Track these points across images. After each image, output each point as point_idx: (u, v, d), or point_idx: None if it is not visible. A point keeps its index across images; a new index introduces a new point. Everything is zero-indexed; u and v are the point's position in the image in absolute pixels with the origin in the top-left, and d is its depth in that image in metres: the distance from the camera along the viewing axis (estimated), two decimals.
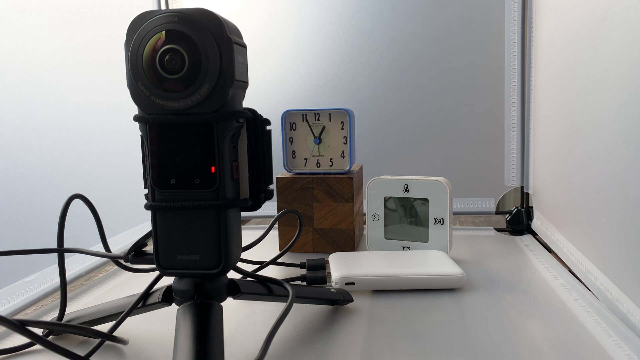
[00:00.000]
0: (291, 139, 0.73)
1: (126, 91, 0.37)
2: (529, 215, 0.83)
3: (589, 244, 0.55)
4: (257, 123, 0.40)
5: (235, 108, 0.37)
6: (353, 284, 0.55)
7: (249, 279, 0.46)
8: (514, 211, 0.84)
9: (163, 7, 0.91)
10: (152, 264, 0.40)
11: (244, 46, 0.38)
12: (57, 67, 0.65)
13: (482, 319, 0.48)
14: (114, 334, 0.41)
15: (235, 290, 0.42)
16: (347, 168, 0.72)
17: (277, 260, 0.61)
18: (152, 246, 0.39)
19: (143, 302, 0.43)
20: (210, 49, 0.35)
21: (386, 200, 0.68)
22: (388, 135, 0.89)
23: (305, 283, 0.57)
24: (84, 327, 0.41)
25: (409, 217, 0.67)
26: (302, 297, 0.47)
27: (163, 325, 0.48)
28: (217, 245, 0.37)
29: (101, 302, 0.49)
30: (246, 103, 0.89)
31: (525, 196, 0.85)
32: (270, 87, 0.91)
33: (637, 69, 0.43)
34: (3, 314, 0.52)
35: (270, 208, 0.93)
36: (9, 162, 0.56)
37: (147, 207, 0.38)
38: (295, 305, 0.52)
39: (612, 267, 0.49)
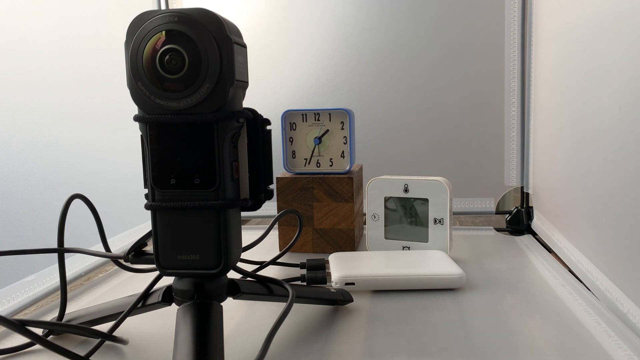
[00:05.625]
0: (291, 139, 0.73)
1: (126, 91, 0.37)
2: (529, 215, 0.83)
3: (589, 244, 0.55)
4: (257, 123, 0.40)
5: (235, 108, 0.37)
6: (353, 284, 0.55)
7: (249, 279, 0.46)
8: (514, 211, 0.84)
9: (163, 7, 0.91)
10: (152, 264, 0.40)
11: (244, 46, 0.38)
12: (57, 66, 0.65)
13: (482, 319, 0.48)
14: (114, 334, 0.41)
15: (235, 290, 0.42)
16: (347, 168, 0.72)
17: (277, 260, 0.61)
18: (152, 246, 0.39)
19: (143, 302, 0.43)
20: (210, 49, 0.35)
21: (386, 200, 0.68)
22: (388, 135, 0.89)
23: (305, 283, 0.57)
24: (84, 327, 0.41)
25: (409, 217, 0.67)
26: (302, 297, 0.47)
27: (163, 325, 0.48)
28: (217, 245, 0.37)
29: (101, 302, 0.49)
30: (246, 103, 0.89)
31: (525, 196, 0.85)
32: (270, 87, 0.91)
33: (638, 69, 0.43)
34: (3, 314, 0.52)
35: (270, 208, 0.93)
36: (9, 161, 0.56)
37: (147, 207, 0.38)
38: (295, 305, 0.52)
39: (612, 267, 0.49)
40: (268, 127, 0.42)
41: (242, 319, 0.49)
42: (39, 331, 0.47)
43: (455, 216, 0.96)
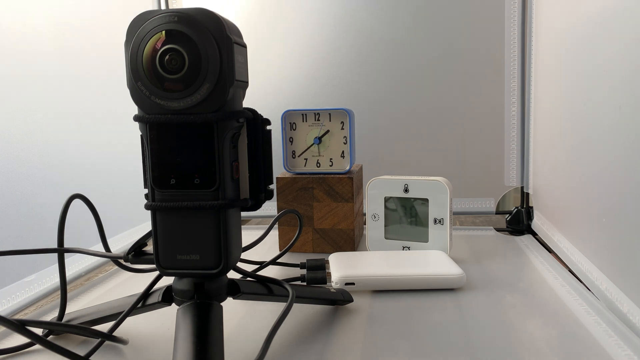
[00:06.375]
0: (291, 139, 0.73)
1: (126, 91, 0.37)
2: (529, 215, 0.83)
3: (589, 244, 0.55)
4: (257, 123, 0.40)
5: (235, 108, 0.37)
6: (353, 284, 0.55)
7: (249, 279, 0.46)
8: (514, 211, 0.84)
9: (163, 7, 0.91)
10: (152, 264, 0.40)
11: (244, 46, 0.38)
12: (57, 66, 0.65)
13: (482, 319, 0.48)
14: (114, 334, 0.41)
15: (235, 290, 0.42)
16: (347, 168, 0.72)
17: (277, 260, 0.61)
18: (152, 246, 0.39)
19: (143, 302, 0.43)
20: (210, 49, 0.35)
21: (386, 200, 0.68)
22: (388, 135, 0.89)
23: (305, 283, 0.57)
24: (84, 327, 0.41)
25: (409, 217, 0.67)
26: (302, 297, 0.47)
27: (163, 325, 0.48)
28: (217, 245, 0.37)
29: (101, 302, 0.49)
30: (246, 103, 0.89)
31: (525, 196, 0.85)
32: (270, 87, 0.91)
33: (637, 68, 0.43)
34: (3, 314, 0.52)
35: (270, 208, 0.93)
36: (9, 162, 0.56)
37: (147, 207, 0.38)
38: (295, 305, 0.52)
39: (612, 267, 0.49)
40: (268, 127, 0.42)
41: (242, 319, 0.49)
42: (39, 331, 0.47)
43: (455, 216, 0.96)
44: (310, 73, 0.90)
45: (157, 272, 0.52)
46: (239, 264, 0.64)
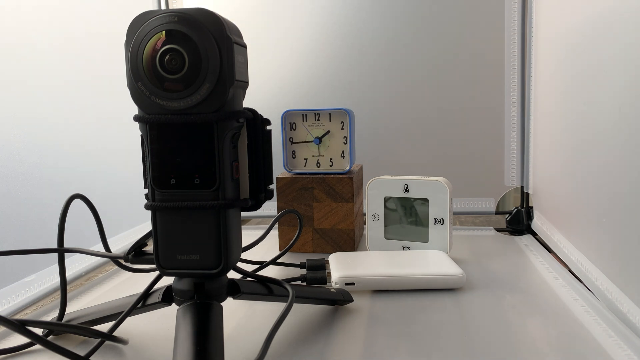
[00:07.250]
0: (291, 139, 0.73)
1: (126, 91, 0.37)
2: (529, 215, 0.83)
3: (589, 244, 0.55)
4: (257, 123, 0.40)
5: (235, 108, 0.37)
6: (353, 284, 0.55)
7: (249, 279, 0.46)
8: (514, 211, 0.84)
9: (163, 7, 0.91)
10: (152, 264, 0.40)
11: (244, 46, 0.38)
12: (56, 66, 0.65)
13: (482, 319, 0.48)
14: (114, 334, 0.41)
15: (235, 290, 0.42)
16: (347, 168, 0.72)
17: (277, 260, 0.61)
18: (152, 246, 0.39)
19: (143, 302, 0.43)
20: (210, 49, 0.35)
21: (386, 200, 0.68)
22: (388, 135, 0.89)
23: (305, 283, 0.57)
24: (84, 327, 0.41)
25: (409, 217, 0.67)
26: (302, 297, 0.47)
27: (163, 325, 0.48)
28: (217, 245, 0.37)
29: (101, 302, 0.49)
30: (246, 103, 0.88)
31: (525, 196, 0.85)
32: (270, 87, 0.91)
33: (637, 69, 0.43)
34: (3, 314, 0.52)
35: (270, 208, 0.93)
36: (9, 161, 0.56)
37: (147, 207, 0.38)
38: (295, 305, 0.52)
39: (612, 267, 0.49)
40: (268, 127, 0.42)
41: (242, 319, 0.49)
42: (39, 331, 0.47)
43: (455, 216, 0.96)
44: (310, 73, 0.90)
45: (157, 272, 0.52)
46: (239, 264, 0.64)
